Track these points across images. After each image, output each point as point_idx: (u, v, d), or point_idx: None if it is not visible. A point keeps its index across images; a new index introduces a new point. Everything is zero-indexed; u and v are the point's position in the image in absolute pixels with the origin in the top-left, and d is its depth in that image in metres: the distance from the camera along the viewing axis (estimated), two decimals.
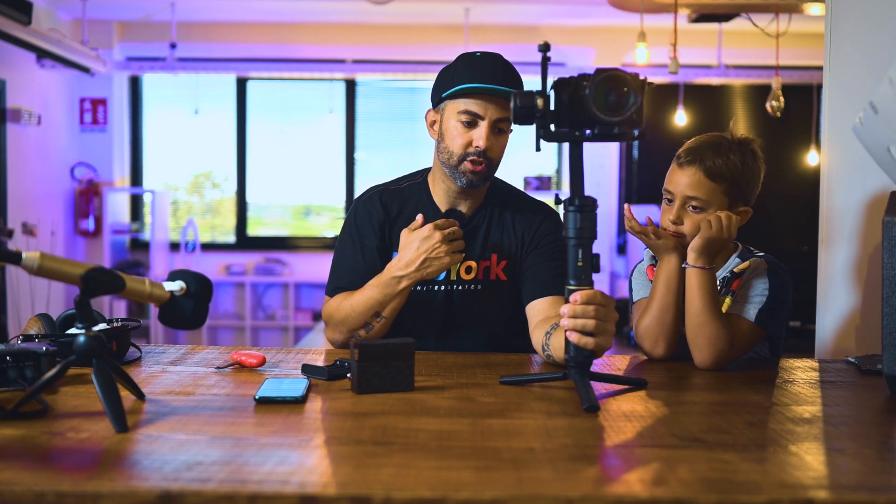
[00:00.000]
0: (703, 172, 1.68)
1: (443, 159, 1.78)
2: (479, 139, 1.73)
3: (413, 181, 1.91)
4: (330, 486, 0.92)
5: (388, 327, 1.78)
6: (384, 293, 1.73)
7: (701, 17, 5.16)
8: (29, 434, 1.10)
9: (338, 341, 1.83)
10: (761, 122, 6.55)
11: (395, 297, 1.73)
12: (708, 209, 1.68)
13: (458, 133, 1.74)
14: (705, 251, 1.62)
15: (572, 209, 1.33)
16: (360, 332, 1.77)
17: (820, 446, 1.11)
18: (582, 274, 1.34)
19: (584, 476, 0.98)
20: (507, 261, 1.84)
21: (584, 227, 1.33)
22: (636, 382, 1.45)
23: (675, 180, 1.72)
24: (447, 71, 1.79)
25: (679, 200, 1.70)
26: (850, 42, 1.95)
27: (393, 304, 1.74)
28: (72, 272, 1.18)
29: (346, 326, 1.79)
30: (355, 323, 1.77)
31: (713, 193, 1.68)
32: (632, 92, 1.29)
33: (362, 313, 1.75)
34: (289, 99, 6.97)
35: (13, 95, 5.50)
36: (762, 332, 1.67)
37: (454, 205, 1.85)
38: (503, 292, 1.85)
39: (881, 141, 1.61)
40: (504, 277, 1.85)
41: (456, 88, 1.73)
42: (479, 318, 1.84)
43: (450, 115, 1.76)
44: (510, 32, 6.57)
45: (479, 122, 1.73)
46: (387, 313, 1.75)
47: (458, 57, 1.80)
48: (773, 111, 5.06)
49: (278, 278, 6.66)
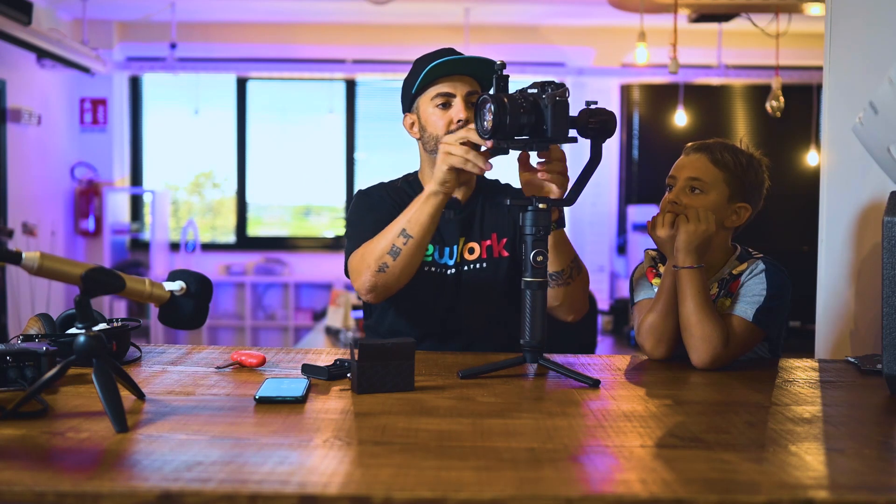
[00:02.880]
0: (709, 158, 1.72)
1: (430, 148, 1.85)
2: (458, 113, 1.80)
3: (406, 179, 1.98)
4: (330, 486, 0.92)
5: (416, 254, 1.68)
6: (415, 207, 1.67)
7: (701, 17, 5.16)
8: (29, 434, 1.10)
9: (366, 283, 1.72)
10: (761, 122, 6.55)
11: (422, 208, 1.65)
12: (709, 194, 1.70)
13: (437, 117, 1.83)
14: (691, 249, 1.63)
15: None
16: (387, 260, 1.68)
17: (820, 446, 1.11)
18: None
19: (584, 476, 0.98)
20: (507, 238, 1.90)
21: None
22: (589, 381, 1.46)
23: (680, 166, 1.76)
24: (409, 76, 1.89)
25: (682, 182, 1.72)
26: (850, 42, 1.95)
27: (420, 218, 1.65)
28: (72, 272, 1.18)
29: (372, 258, 1.70)
30: (382, 250, 1.69)
31: (716, 179, 1.71)
32: (497, 111, 1.44)
33: (389, 238, 1.68)
34: (289, 99, 6.97)
35: (13, 95, 5.50)
36: (761, 332, 1.67)
37: None
38: (507, 269, 1.90)
39: (881, 141, 1.61)
40: (506, 254, 1.90)
41: (423, 74, 1.81)
42: (485, 295, 1.87)
43: (425, 107, 1.85)
44: (510, 32, 6.57)
45: (452, 100, 1.82)
46: (413, 232, 1.66)
47: (413, 63, 1.91)
48: (773, 111, 5.05)
49: (278, 278, 6.65)
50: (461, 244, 1.88)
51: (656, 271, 1.80)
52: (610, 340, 4.62)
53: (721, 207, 1.71)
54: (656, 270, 1.81)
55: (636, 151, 6.84)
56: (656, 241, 1.71)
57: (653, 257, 1.84)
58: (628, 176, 6.84)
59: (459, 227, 1.89)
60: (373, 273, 1.70)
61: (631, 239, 6.25)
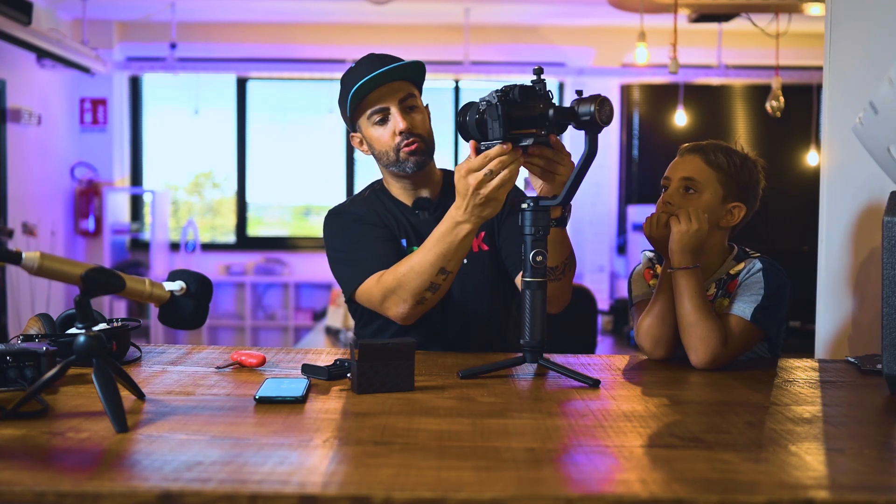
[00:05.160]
0: (703, 159, 1.73)
1: (385, 162, 1.85)
2: (398, 123, 1.80)
3: (372, 189, 1.96)
4: (330, 486, 0.92)
5: (451, 282, 1.70)
6: (447, 243, 1.62)
7: (701, 17, 5.16)
8: (29, 434, 1.10)
9: (402, 313, 1.71)
10: (761, 122, 6.55)
11: (459, 246, 1.62)
12: (703, 194, 1.70)
13: (380, 133, 1.82)
14: (684, 249, 1.63)
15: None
16: (426, 295, 1.68)
17: (820, 446, 1.11)
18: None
19: (584, 476, 0.98)
20: (484, 231, 1.89)
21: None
22: (589, 381, 1.46)
23: (675, 167, 1.76)
24: (340, 97, 1.87)
25: (676, 182, 1.73)
26: (850, 42, 1.95)
27: (458, 255, 1.64)
28: (72, 272, 1.18)
29: (408, 293, 1.68)
30: (419, 286, 1.66)
31: (710, 179, 1.71)
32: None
33: (426, 272, 1.65)
34: (289, 99, 6.97)
35: (13, 95, 5.50)
36: (759, 332, 1.67)
37: (417, 195, 1.91)
38: (488, 262, 1.89)
39: (881, 141, 1.61)
40: (486, 248, 1.89)
41: (349, 98, 1.79)
42: (468, 290, 1.86)
43: (366, 126, 1.84)
44: (510, 32, 6.57)
45: (387, 113, 1.81)
46: (451, 267, 1.65)
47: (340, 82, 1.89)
48: (773, 111, 5.05)
49: (278, 278, 6.66)
50: None
51: (653, 272, 1.81)
52: (610, 340, 4.62)
53: (716, 207, 1.71)
54: (653, 271, 1.81)
55: (636, 151, 6.84)
56: (652, 241, 1.72)
57: (650, 258, 1.84)
58: (628, 176, 6.84)
59: (436, 225, 1.82)
60: (411, 306, 1.70)
61: (631, 239, 6.25)
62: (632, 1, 4.86)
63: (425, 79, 1.90)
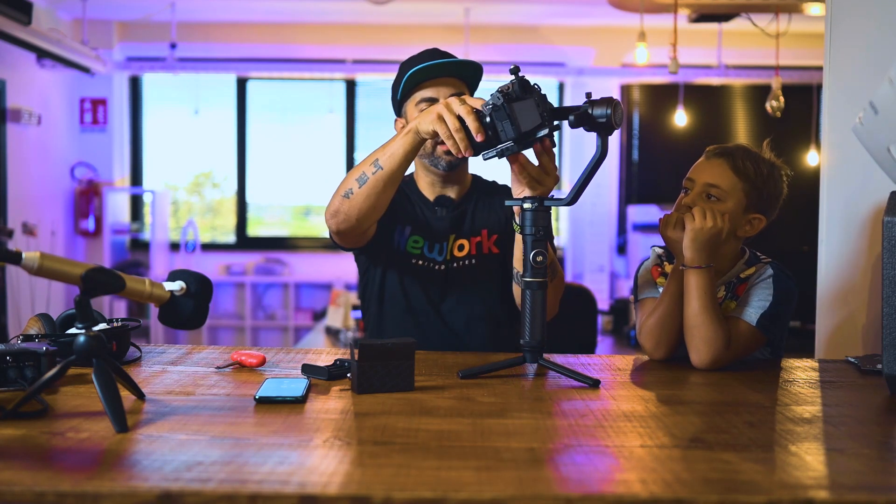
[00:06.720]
0: (730, 166, 1.69)
1: (421, 153, 1.86)
2: None
3: (403, 180, 1.96)
4: (330, 486, 0.92)
5: (381, 186, 1.66)
6: (388, 143, 1.65)
7: (701, 17, 5.16)
8: (29, 434, 1.10)
9: (330, 208, 1.73)
10: (761, 122, 6.55)
11: (398, 145, 1.62)
12: (725, 202, 1.67)
13: None
14: (699, 248, 1.60)
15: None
16: (353, 186, 1.67)
17: (820, 446, 1.11)
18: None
19: (584, 476, 0.98)
20: (497, 234, 1.92)
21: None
22: (589, 381, 1.46)
23: (699, 169, 1.72)
24: (395, 81, 1.89)
25: (699, 187, 1.69)
26: (850, 42, 1.95)
27: (394, 150, 1.63)
28: (72, 272, 1.18)
29: (343, 184, 1.70)
30: (351, 176, 1.68)
31: (734, 188, 1.68)
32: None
33: (361, 167, 1.67)
34: (289, 99, 6.97)
35: (13, 95, 5.50)
36: (763, 337, 1.66)
37: (442, 192, 1.94)
38: (497, 264, 1.91)
39: (881, 141, 1.61)
40: (496, 250, 1.91)
41: (404, 81, 1.81)
42: (474, 290, 1.89)
43: (411, 112, 1.84)
44: (510, 32, 6.57)
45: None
46: (384, 163, 1.64)
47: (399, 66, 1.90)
48: (773, 111, 5.05)
49: (278, 278, 6.65)
50: (451, 241, 1.91)
51: (662, 269, 1.79)
52: (610, 340, 4.63)
53: (736, 217, 1.68)
54: (662, 269, 1.79)
55: (636, 151, 6.83)
56: (667, 240, 1.70)
57: (659, 255, 1.82)
58: (628, 176, 6.84)
59: (450, 225, 1.91)
60: (339, 198, 1.71)
61: (631, 239, 6.24)
62: (632, 1, 4.86)
63: (480, 83, 1.90)
